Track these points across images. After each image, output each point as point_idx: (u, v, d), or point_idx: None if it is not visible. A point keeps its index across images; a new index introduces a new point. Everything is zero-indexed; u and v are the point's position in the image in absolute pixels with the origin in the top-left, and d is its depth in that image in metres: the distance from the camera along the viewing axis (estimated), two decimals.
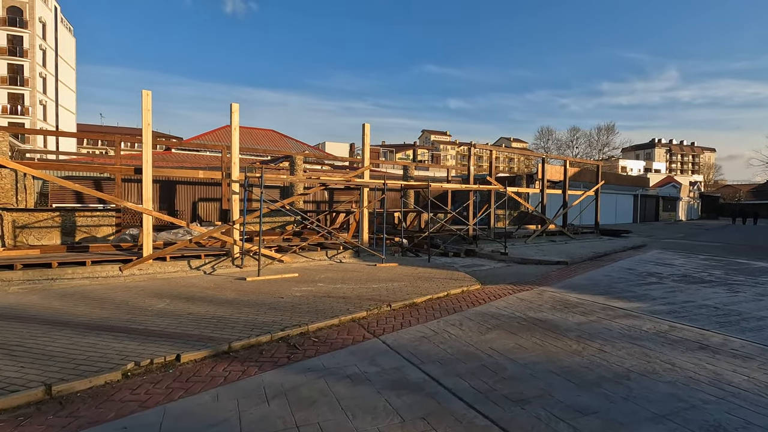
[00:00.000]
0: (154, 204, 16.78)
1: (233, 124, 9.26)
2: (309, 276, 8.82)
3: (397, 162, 22.49)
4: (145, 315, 5.73)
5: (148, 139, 8.35)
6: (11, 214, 10.19)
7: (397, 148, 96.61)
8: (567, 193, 18.05)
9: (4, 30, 49.53)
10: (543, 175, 16.95)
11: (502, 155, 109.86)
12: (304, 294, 7.18)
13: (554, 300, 7.36)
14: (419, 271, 9.77)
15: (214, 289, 7.39)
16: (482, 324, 5.84)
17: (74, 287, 7.32)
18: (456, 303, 7.07)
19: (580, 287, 8.54)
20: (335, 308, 6.26)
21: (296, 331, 5.28)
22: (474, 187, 12.99)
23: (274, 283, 7.96)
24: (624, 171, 79.47)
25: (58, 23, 58.88)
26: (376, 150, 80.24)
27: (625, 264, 11.93)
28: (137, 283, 7.72)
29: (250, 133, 29.01)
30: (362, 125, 11.20)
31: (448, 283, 8.42)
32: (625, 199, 36.38)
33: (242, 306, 6.32)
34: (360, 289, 7.67)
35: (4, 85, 49.71)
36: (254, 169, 19.54)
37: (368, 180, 10.91)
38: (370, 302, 6.67)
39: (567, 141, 77.31)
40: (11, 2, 50.06)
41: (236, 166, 9.35)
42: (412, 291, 7.56)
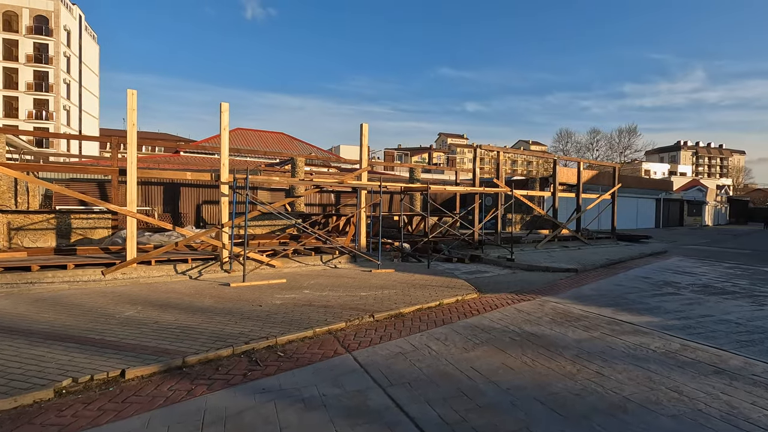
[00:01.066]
0: (156, 206, 16.81)
1: (222, 124, 8.98)
2: (297, 282, 8.42)
3: (412, 165, 22.01)
4: (109, 324, 5.41)
5: (133, 140, 8.13)
6: (6, 215, 10.14)
7: (412, 152, 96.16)
8: (580, 197, 17.22)
9: (30, 38, 51.25)
10: (555, 177, 16.20)
11: (520, 158, 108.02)
12: (285, 302, 6.77)
13: (556, 312, 6.76)
14: (415, 278, 9.26)
15: (192, 296, 7.06)
16: (469, 339, 5.31)
17: (50, 292, 7.10)
18: (447, 314, 6.55)
19: (587, 298, 7.90)
20: (313, 318, 5.82)
21: (263, 344, 4.86)
22: (478, 189, 12.40)
23: (257, 290, 7.59)
24: (647, 174, 76.95)
25: (83, 31, 60.70)
26: (391, 153, 79.89)
27: (640, 272, 11.15)
28: (116, 288, 7.46)
29: (259, 135, 29.01)
30: (360, 125, 10.79)
31: (443, 291, 7.90)
32: (646, 203, 34.97)
33: (215, 314, 5.95)
34: (347, 297, 7.22)
35: (30, 92, 51.37)
36: (258, 171, 19.38)
37: (364, 182, 10.49)
38: (353, 312, 6.21)
39: (587, 143, 75.39)
40: (38, 11, 51.79)
41: (225, 167, 9.06)
42: (401, 300, 7.08)
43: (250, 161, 23.06)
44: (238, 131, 28.70)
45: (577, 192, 17.29)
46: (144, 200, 16.42)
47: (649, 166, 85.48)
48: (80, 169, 10.41)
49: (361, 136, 10.81)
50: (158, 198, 16.62)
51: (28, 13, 51.34)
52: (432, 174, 65.59)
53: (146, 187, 16.38)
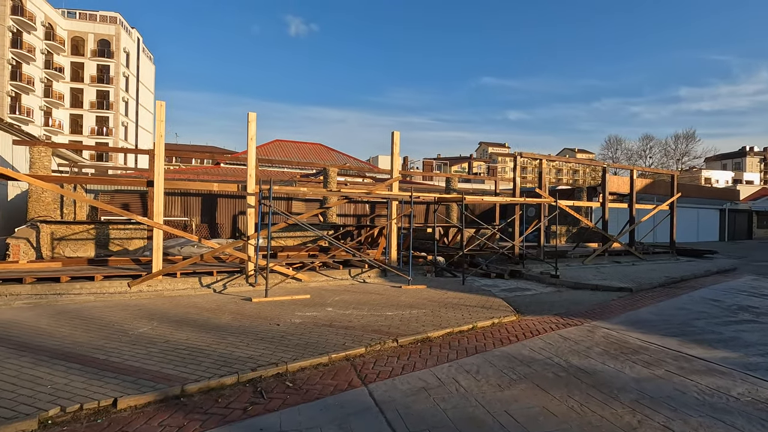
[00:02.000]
0: (195, 217, 17.13)
1: (249, 133, 8.81)
2: (321, 298, 8.00)
3: (449, 174, 21.34)
4: (119, 341, 5.18)
5: (161, 151, 8.10)
6: (50, 226, 10.49)
7: (452, 161, 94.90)
8: (634, 207, 15.79)
9: (94, 61, 55.49)
10: (604, 186, 14.93)
11: (565, 167, 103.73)
12: (304, 321, 6.34)
13: (609, 341, 5.87)
14: (448, 295, 8.58)
15: (211, 311, 6.79)
16: (505, 373, 4.61)
17: (76, 304, 7.09)
18: (480, 340, 5.85)
19: (646, 324, 6.90)
20: (330, 342, 5.33)
21: (271, 372, 4.42)
22: (519, 200, 11.54)
23: (278, 306, 7.23)
24: (708, 183, 71.20)
25: (140, 52, 65.04)
26: (430, 163, 79.13)
27: (707, 293, 9.83)
28: (139, 301, 7.35)
29: (297, 146, 29.37)
30: (391, 133, 10.35)
31: (477, 312, 7.18)
32: (709, 214, 32.05)
33: (229, 333, 5.60)
34: (371, 316, 6.69)
35: (93, 109, 55.47)
36: (293, 182, 19.40)
37: (395, 192, 9.98)
38: (375, 335, 5.66)
39: (638, 150, 70.94)
40: (101, 36, 56.07)
41: (252, 178, 8.86)
42: (430, 321, 6.45)
43: (287, 172, 23.30)
44: (276, 143, 29.24)
45: (631, 202, 15.87)
46: (183, 211, 16.80)
47: (711, 174, 79.11)
48: (122, 181, 10.67)
49: (392, 145, 10.34)
50: (197, 209, 16.96)
51: (93, 38, 55.67)
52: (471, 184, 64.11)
53: (185, 198, 16.76)
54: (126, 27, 59.84)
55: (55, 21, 52.39)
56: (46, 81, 50.53)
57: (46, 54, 50.50)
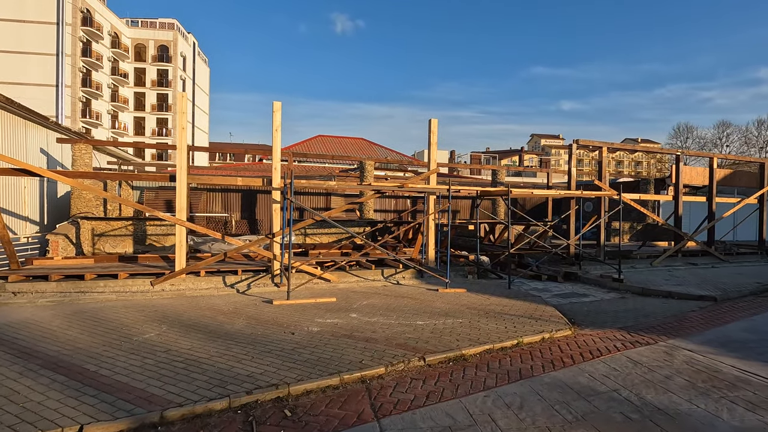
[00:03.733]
0: (235, 212, 17.14)
1: (274, 124, 8.28)
2: (348, 302, 7.30)
3: (495, 167, 20.01)
4: (119, 349, 4.77)
5: (183, 145, 7.76)
6: (90, 222, 10.66)
7: (501, 154, 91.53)
8: (714, 201, 13.69)
9: (154, 66, 58.80)
10: (677, 177, 13.01)
11: (627, 159, 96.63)
12: (323, 329, 5.66)
13: (694, 369, 4.67)
14: (491, 301, 7.57)
15: (227, 315, 6.31)
16: (557, 410, 3.64)
17: (96, 302, 6.90)
18: (526, 360, 4.86)
19: (741, 345, 5.54)
20: (346, 358, 4.60)
21: (270, 395, 3.76)
22: (575, 193, 10.17)
23: (299, 310, 6.62)
24: None
25: (196, 56, 68.16)
26: (478, 156, 76.69)
27: None
28: (160, 301, 7.05)
29: (340, 141, 29.07)
30: (428, 121, 9.42)
31: (524, 323, 6.15)
32: None
33: (237, 343, 5.03)
34: (398, 326, 5.89)
35: (153, 112, 58.90)
36: (333, 177, 18.95)
37: (432, 185, 9.05)
38: (399, 351, 4.86)
39: (713, 139, 63.92)
40: (160, 42, 59.29)
41: (277, 171, 8.34)
42: (467, 334, 5.54)
43: (327, 167, 23.02)
44: (318, 138, 29.13)
45: (710, 195, 13.79)
46: (224, 207, 16.86)
47: None
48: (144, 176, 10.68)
49: (429, 134, 9.42)
50: (237, 205, 16.96)
51: (153, 44, 58.98)
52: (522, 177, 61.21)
53: (225, 195, 16.81)
54: (183, 32, 62.87)
55: (120, 30, 56.02)
56: (113, 86, 54.21)
57: (113, 61, 54.14)
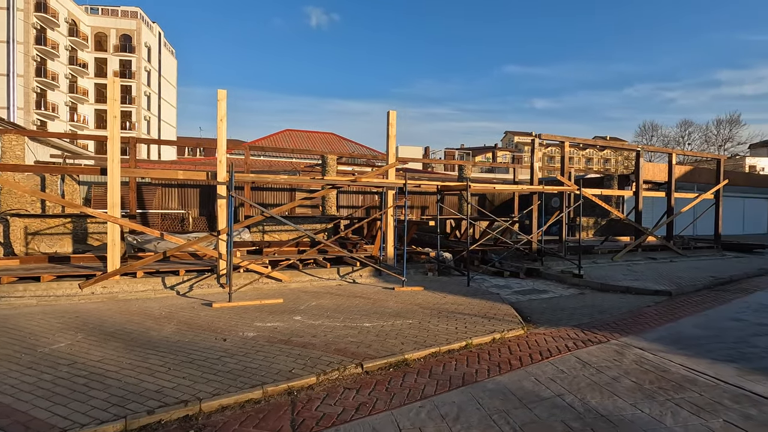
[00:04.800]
0: (192, 209, 16.38)
1: (219, 113, 7.74)
2: (296, 303, 6.88)
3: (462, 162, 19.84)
4: (16, 363, 4.21)
5: (115, 135, 7.12)
6: (23, 220, 9.81)
7: (475, 151, 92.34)
8: (673, 196, 13.92)
9: (116, 56, 56.17)
10: (638, 173, 13.14)
11: (596, 156, 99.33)
12: (259, 335, 5.23)
13: (643, 368, 4.49)
14: (447, 300, 7.30)
15: (157, 320, 5.78)
16: (495, 421, 3.35)
17: (11, 308, 6.24)
18: (473, 364, 4.58)
19: (692, 342, 5.44)
20: (275, 367, 4.20)
21: (177, 414, 3.32)
22: (536, 188, 10.04)
23: (239, 314, 6.15)
24: (752, 171, 66.19)
25: (162, 47, 65.58)
26: (452, 152, 77.14)
27: (765, 298, 8.16)
28: (85, 306, 6.44)
29: (307, 136, 28.38)
30: (387, 113, 9.05)
31: (476, 323, 5.89)
32: (756, 204, 29.19)
33: (155, 353, 4.54)
34: (343, 329, 5.52)
35: None
36: (298, 172, 18.38)
37: (390, 180, 8.71)
38: (336, 357, 4.49)
39: (676, 137, 66.37)
40: (123, 31, 56.68)
41: (222, 164, 7.80)
42: (414, 336, 5.22)
43: (295, 162, 22.38)
44: (285, 132, 28.33)
45: (669, 190, 14.02)
46: (180, 203, 16.08)
47: (756, 161, 73.62)
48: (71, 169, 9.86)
49: (388, 126, 9.06)
50: (194, 201, 16.21)
51: (115, 33, 56.33)
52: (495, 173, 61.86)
53: (182, 190, 16.02)
54: (147, 22, 60.33)
55: (78, 17, 53.21)
56: (71, 77, 51.49)
57: (70, 50, 51.41)
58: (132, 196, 11.61)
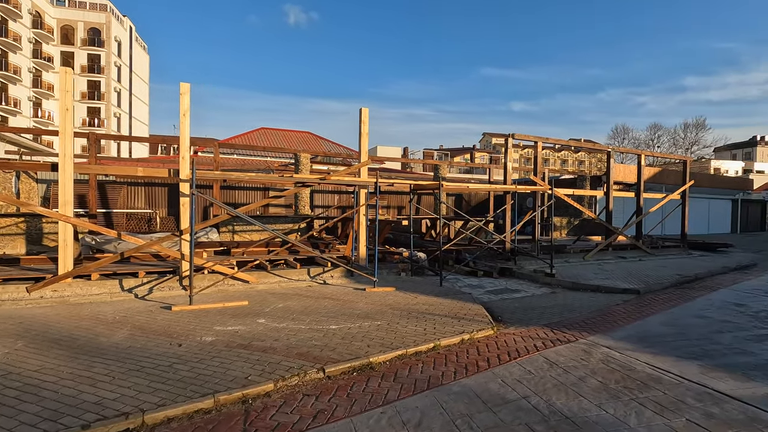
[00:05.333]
0: (160, 209, 15.79)
1: (182, 108, 7.39)
2: (261, 305, 6.62)
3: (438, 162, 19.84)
4: None
5: (67, 129, 6.69)
6: None
7: (454, 152, 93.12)
8: (642, 196, 14.24)
9: (84, 50, 54.07)
10: (608, 173, 13.39)
11: (571, 158, 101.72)
12: (218, 339, 4.96)
13: (609, 368, 4.46)
14: (418, 300, 7.18)
15: (110, 324, 5.44)
16: (458, 426, 3.22)
17: None
18: (440, 366, 4.45)
19: (658, 340, 5.47)
20: (231, 373, 3.96)
21: (117, 428, 3.06)
22: (509, 187, 10.05)
23: (199, 317, 5.86)
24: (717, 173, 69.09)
25: (133, 42, 63.52)
26: (430, 153, 77.57)
27: (729, 296, 8.36)
28: (30, 311, 6.01)
29: (284, 135, 27.89)
30: (359, 110, 8.87)
31: (446, 323, 5.78)
32: (720, 204, 30.35)
33: (102, 361, 4.23)
34: (308, 332, 5.30)
35: (84, 100, 54.18)
36: (272, 171, 17.99)
37: (359, 178, 8.51)
38: (297, 362, 4.28)
39: (646, 140, 68.81)
40: (91, 24, 54.59)
41: (185, 161, 7.45)
42: (381, 339, 5.06)
43: (270, 161, 21.92)
44: (261, 130, 27.76)
45: (638, 191, 14.33)
46: (148, 203, 15.48)
47: (720, 164, 77.00)
48: (17, 164, 9.33)
49: (360, 123, 8.88)
50: (163, 200, 15.63)
51: (83, 26, 54.22)
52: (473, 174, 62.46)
53: (150, 189, 15.43)
54: (117, 15, 58.35)
55: (43, 9, 50.97)
56: (35, 71, 49.29)
57: (34, 43, 49.18)
58: (92, 194, 11.05)
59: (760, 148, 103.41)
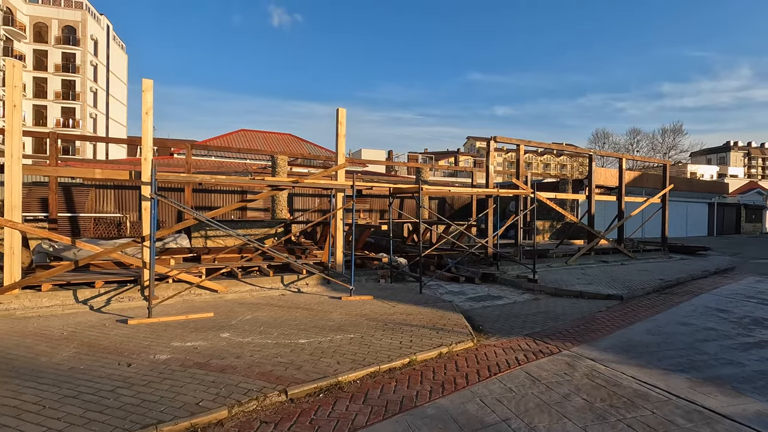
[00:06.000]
0: (131, 213, 15.12)
1: (144, 106, 6.93)
2: (228, 317, 6.19)
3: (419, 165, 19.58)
4: None
5: (15, 127, 6.15)
6: None
7: (438, 156, 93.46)
8: (623, 200, 14.22)
9: (59, 48, 52.37)
10: (590, 177, 13.32)
11: (554, 162, 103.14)
12: (173, 357, 4.53)
13: (594, 383, 4.19)
14: (396, 310, 6.83)
15: (55, 341, 4.94)
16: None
17: None
18: (414, 385, 4.11)
19: (642, 349, 5.25)
20: (180, 398, 3.54)
21: None
22: (491, 191, 9.82)
23: (157, 331, 5.40)
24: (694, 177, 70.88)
25: (110, 41, 61.86)
26: (415, 156, 77.64)
27: (711, 301, 8.26)
28: None
29: (264, 137, 27.26)
30: (336, 110, 8.52)
31: (424, 335, 5.45)
32: (698, 207, 30.94)
33: (34, 386, 3.76)
34: (274, 347, 4.91)
35: (58, 100, 52.42)
36: (250, 173, 17.47)
37: (336, 181, 8.14)
38: (258, 383, 3.88)
39: (626, 144, 70.18)
40: (66, 22, 52.93)
41: (147, 162, 6.98)
42: (352, 354, 4.69)
43: (249, 163, 21.33)
44: (241, 132, 27.08)
45: (619, 194, 14.32)
46: (117, 206, 14.80)
47: (696, 168, 79.12)
48: None
49: (337, 125, 8.52)
50: (134, 204, 14.98)
51: (57, 24, 52.54)
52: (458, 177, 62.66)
53: (120, 192, 14.77)
54: (93, 13, 56.72)
55: (14, 5, 49.22)
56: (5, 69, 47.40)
57: (5, 40, 47.38)
58: (53, 197, 10.39)
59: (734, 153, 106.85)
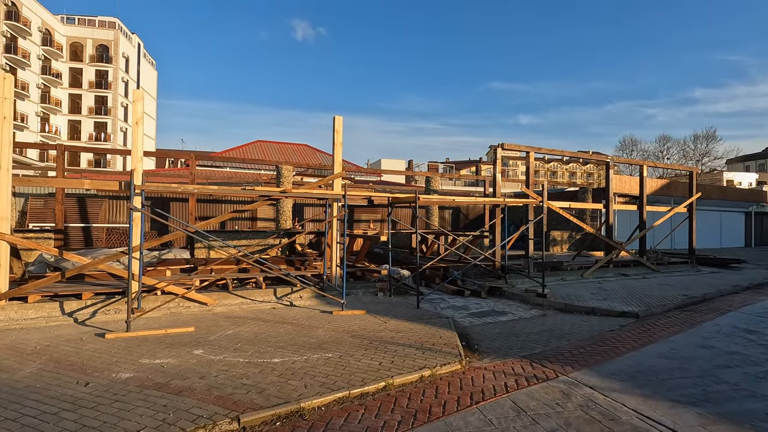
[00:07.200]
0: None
1: (135, 115, 6.90)
2: (208, 332, 5.96)
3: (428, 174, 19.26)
4: None
5: (4, 137, 6.19)
6: None
7: (460, 165, 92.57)
8: (645, 209, 13.40)
9: (92, 66, 54.99)
10: (608, 185, 12.61)
11: (579, 170, 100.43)
12: (135, 376, 4.31)
13: (587, 416, 3.70)
14: (387, 326, 6.46)
15: (24, 356, 4.82)
16: None
17: None
18: (383, 413, 3.74)
19: (653, 376, 4.69)
20: (122, 426, 3.30)
21: None
22: (497, 200, 9.33)
23: (132, 346, 5.22)
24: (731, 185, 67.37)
25: (141, 58, 64.57)
26: (435, 166, 77.14)
27: (739, 320, 7.50)
28: None
29: (280, 147, 27.51)
30: (332, 119, 8.31)
31: (408, 355, 5.06)
32: (733, 217, 29.18)
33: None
34: (244, 366, 4.63)
35: (91, 115, 54.88)
36: (260, 183, 17.51)
37: (336, 191, 7.87)
38: (212, 408, 3.60)
39: (655, 152, 67.28)
40: (99, 41, 55.59)
41: (138, 173, 6.92)
42: (324, 376, 4.36)
43: (262, 174, 21.50)
44: (257, 143, 27.44)
45: (640, 203, 13.51)
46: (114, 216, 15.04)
47: (733, 176, 75.20)
48: None
49: (333, 133, 8.30)
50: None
51: (91, 43, 55.24)
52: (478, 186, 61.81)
53: (114, 203, 15.00)
54: (125, 32, 59.39)
55: (53, 27, 52.04)
56: (43, 87, 50.02)
57: (43, 60, 50.03)
58: (59, 208, 10.59)
59: None
